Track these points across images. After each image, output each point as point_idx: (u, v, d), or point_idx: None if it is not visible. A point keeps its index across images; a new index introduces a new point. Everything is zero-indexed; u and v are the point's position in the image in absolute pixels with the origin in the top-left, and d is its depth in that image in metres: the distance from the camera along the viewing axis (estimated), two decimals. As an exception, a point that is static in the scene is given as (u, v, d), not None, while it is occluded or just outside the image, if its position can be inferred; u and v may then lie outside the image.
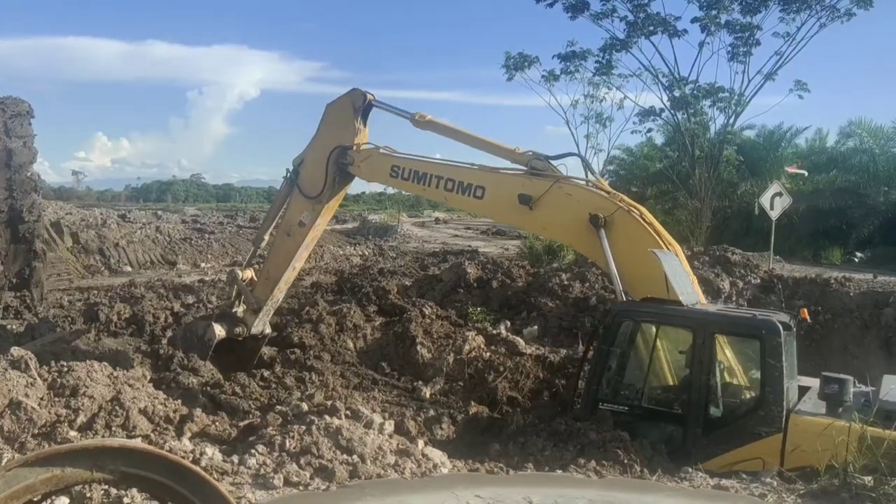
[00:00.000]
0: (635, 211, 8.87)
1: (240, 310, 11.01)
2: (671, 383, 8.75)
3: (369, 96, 10.47)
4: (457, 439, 8.75)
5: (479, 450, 7.93)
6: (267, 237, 11.44)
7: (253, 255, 11.81)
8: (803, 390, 8.13)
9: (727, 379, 8.47)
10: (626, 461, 6.94)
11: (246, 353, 11.28)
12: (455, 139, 10.39)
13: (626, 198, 9.16)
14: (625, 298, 8.58)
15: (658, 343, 8.64)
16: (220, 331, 10.69)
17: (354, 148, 10.43)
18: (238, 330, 10.85)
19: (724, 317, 8.38)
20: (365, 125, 10.60)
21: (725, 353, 8.46)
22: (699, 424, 7.82)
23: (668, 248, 8.68)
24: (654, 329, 8.57)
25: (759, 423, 7.54)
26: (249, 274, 11.15)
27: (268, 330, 11.12)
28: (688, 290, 8.27)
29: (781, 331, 7.63)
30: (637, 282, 8.61)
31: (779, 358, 7.54)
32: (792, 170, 30.57)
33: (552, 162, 9.46)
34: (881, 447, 5.86)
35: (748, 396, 8.28)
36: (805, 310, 9.16)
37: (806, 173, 30.99)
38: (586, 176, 9.94)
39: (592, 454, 7.08)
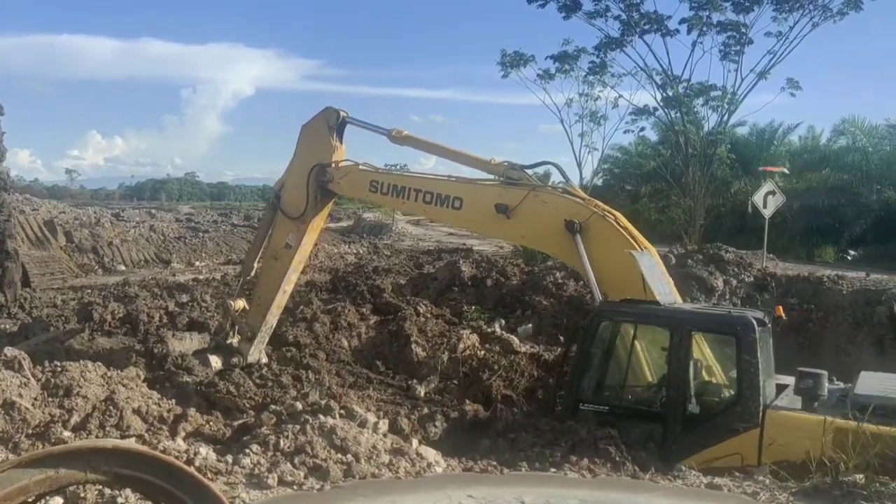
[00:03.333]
0: (610, 216, 9.01)
1: (234, 340, 11.03)
2: (650, 382, 8.84)
3: (342, 114, 10.62)
4: (449, 437, 8.77)
5: (470, 447, 7.96)
6: (255, 265, 11.45)
7: (242, 285, 11.77)
8: (782, 388, 8.20)
9: (705, 376, 8.58)
10: (617, 458, 6.99)
11: None
12: (432, 153, 10.66)
13: (600, 203, 9.32)
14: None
15: (636, 342, 8.78)
16: (216, 363, 10.68)
17: (333, 165, 10.58)
18: (234, 360, 10.83)
19: (700, 314, 8.53)
20: (341, 142, 10.76)
21: (703, 350, 8.57)
22: (678, 422, 7.92)
23: (643, 251, 8.78)
24: (632, 329, 8.72)
25: (736, 419, 7.64)
26: (241, 304, 11.18)
27: (264, 359, 11.11)
28: (665, 289, 8.36)
29: (756, 327, 7.75)
30: (615, 284, 8.72)
31: (754, 354, 7.64)
32: (769, 169, 30.47)
33: (527, 171, 9.64)
34: (851, 439, 5.96)
35: (726, 393, 8.37)
36: (780, 307, 9.31)
37: (785, 170, 30.81)
38: (566, 182, 10.20)
39: (583, 451, 7.13)
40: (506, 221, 9.36)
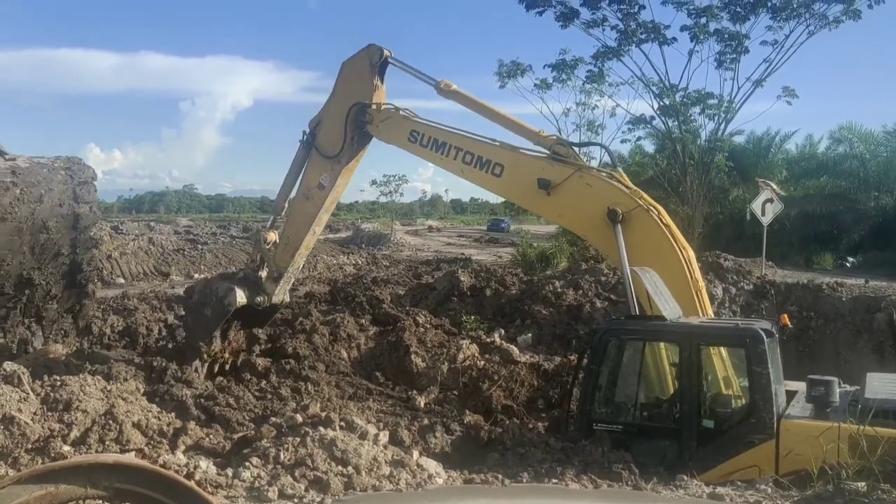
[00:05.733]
0: (654, 210, 8.78)
1: (263, 274, 10.89)
2: (663, 398, 8.75)
3: (386, 52, 10.32)
4: (454, 451, 8.74)
5: (478, 460, 7.93)
6: (286, 205, 11.25)
7: (273, 222, 11.58)
8: (790, 395, 8.19)
9: (718, 389, 8.50)
10: (630, 483, 6.92)
11: (258, 321, 11.24)
12: (479, 113, 10.20)
13: (646, 196, 9.05)
14: (635, 298, 8.54)
15: (646, 359, 8.68)
16: (241, 297, 10.49)
17: (374, 107, 10.31)
18: (259, 299, 10.69)
19: (708, 328, 8.41)
20: (382, 82, 10.48)
21: (714, 363, 8.50)
22: (694, 437, 7.83)
23: (681, 252, 8.65)
24: (640, 346, 8.61)
25: (751, 431, 7.57)
26: (273, 237, 11.00)
27: (287, 299, 11.03)
28: (670, 304, 8.29)
29: (765, 338, 7.69)
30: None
31: (765, 365, 7.59)
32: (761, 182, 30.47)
33: (576, 150, 9.41)
34: (872, 446, 5.94)
35: (739, 405, 8.29)
36: (785, 315, 9.22)
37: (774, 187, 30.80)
38: (615, 167, 9.88)
39: (595, 473, 7.05)
40: (545, 198, 9.12)
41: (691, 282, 8.67)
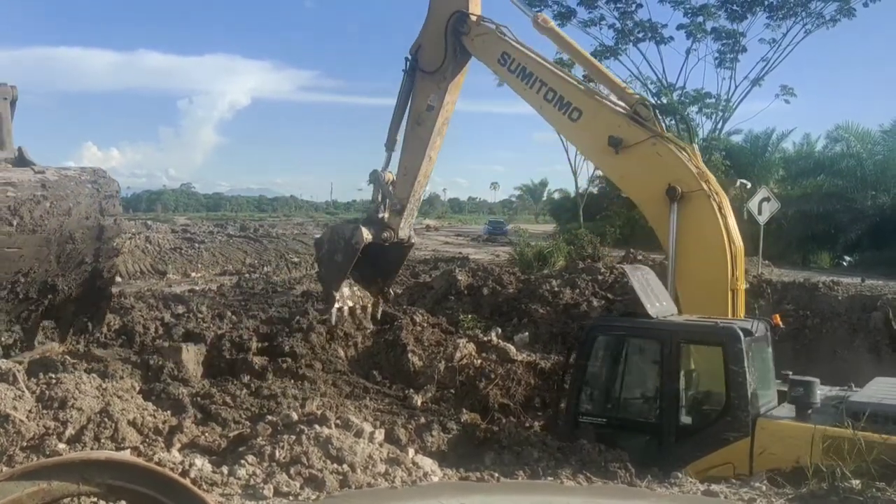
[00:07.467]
0: (716, 198, 8.69)
1: (385, 215, 10.99)
2: (645, 394, 8.87)
3: None
4: (451, 449, 8.76)
5: (474, 459, 7.96)
6: (399, 138, 11.26)
7: (388, 161, 11.56)
8: (784, 395, 8.22)
9: (697, 387, 8.62)
10: (625, 482, 6.95)
11: (388, 264, 11.40)
12: (571, 56, 10.51)
13: (713, 180, 8.93)
14: (675, 285, 8.59)
15: (630, 355, 8.79)
16: (367, 234, 10.63)
17: (473, 17, 10.33)
18: (386, 234, 10.82)
19: (688, 326, 8.48)
20: None
21: (696, 361, 8.60)
22: (672, 433, 7.96)
23: (730, 247, 8.64)
24: (625, 342, 8.74)
25: (726, 429, 7.67)
26: (390, 176, 11.10)
27: (414, 238, 11.25)
28: (659, 302, 8.35)
29: (742, 337, 7.75)
30: (693, 271, 8.65)
31: (741, 364, 7.65)
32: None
33: (659, 115, 9.39)
34: (845, 447, 5.99)
35: (717, 403, 8.37)
36: (777, 315, 9.27)
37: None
38: (690, 142, 9.75)
39: (592, 472, 7.09)
40: (612, 156, 9.12)
41: (730, 279, 8.65)
